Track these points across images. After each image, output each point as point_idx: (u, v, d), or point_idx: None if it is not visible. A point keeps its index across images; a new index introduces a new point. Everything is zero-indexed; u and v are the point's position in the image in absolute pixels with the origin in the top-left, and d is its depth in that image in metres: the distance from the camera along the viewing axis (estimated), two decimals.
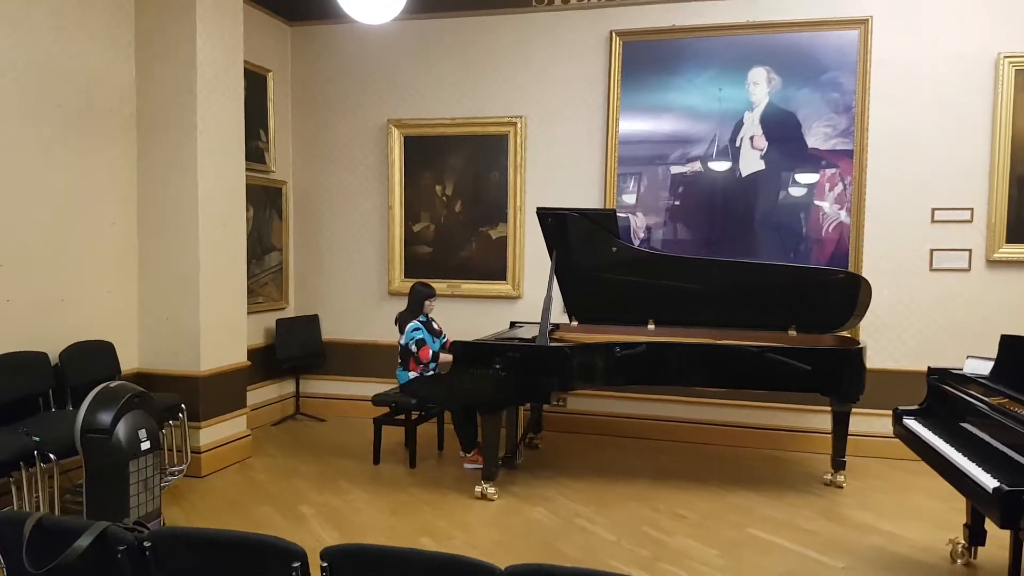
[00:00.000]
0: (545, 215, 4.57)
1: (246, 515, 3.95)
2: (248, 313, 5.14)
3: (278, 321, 5.81)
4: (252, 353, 5.23)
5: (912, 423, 3.26)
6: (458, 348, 4.23)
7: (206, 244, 4.56)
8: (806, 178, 5.16)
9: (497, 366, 4.13)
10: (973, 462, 2.65)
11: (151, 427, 3.39)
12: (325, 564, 1.73)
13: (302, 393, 6.05)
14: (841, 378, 4.26)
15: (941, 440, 2.96)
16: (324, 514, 3.96)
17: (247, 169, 5.05)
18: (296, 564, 1.69)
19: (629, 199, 5.46)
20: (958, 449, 2.81)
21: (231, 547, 1.79)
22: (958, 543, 3.40)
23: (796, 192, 5.18)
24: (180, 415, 4.28)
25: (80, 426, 3.23)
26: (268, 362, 5.73)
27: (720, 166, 5.29)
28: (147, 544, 1.82)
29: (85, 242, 4.27)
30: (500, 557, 3.34)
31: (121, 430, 3.23)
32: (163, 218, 4.56)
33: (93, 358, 4.18)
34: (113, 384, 3.41)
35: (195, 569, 1.84)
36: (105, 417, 3.22)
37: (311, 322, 6.03)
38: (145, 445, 3.32)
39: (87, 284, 4.29)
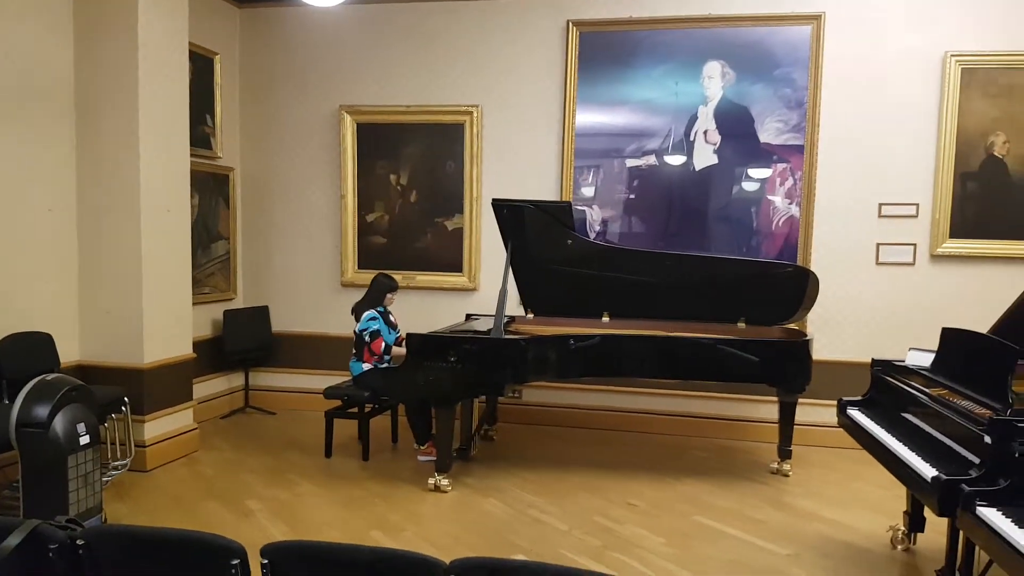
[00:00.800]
0: (501, 207, 4.54)
1: (191, 510, 3.84)
2: (194, 304, 4.99)
3: (226, 312, 5.66)
4: (199, 345, 5.08)
5: (855, 413, 3.34)
6: (413, 340, 4.18)
7: (149, 232, 4.41)
8: (758, 173, 5.24)
9: (452, 358, 4.09)
10: (913, 451, 2.72)
11: (90, 421, 3.27)
12: (265, 561, 1.68)
13: (251, 386, 5.91)
14: (787, 369, 4.36)
15: (883, 430, 3.04)
16: (273, 509, 3.88)
17: (192, 155, 4.89)
18: (235, 561, 1.64)
19: (588, 192, 5.47)
20: (899, 439, 2.89)
21: (168, 545, 1.73)
22: (898, 530, 3.51)
23: (748, 186, 5.26)
24: (123, 408, 4.15)
25: (15, 420, 3.10)
26: (216, 354, 5.58)
27: (675, 160, 5.34)
28: (80, 542, 1.75)
29: (20, 230, 4.08)
30: (452, 549, 3.33)
31: (58, 424, 3.12)
32: (104, 205, 4.39)
33: (30, 351, 4.02)
34: (50, 377, 3.28)
35: (131, 567, 1.78)
36: (41, 411, 3.10)
37: (260, 313, 5.89)
38: (84, 439, 3.21)
39: (24, 274, 4.11)
